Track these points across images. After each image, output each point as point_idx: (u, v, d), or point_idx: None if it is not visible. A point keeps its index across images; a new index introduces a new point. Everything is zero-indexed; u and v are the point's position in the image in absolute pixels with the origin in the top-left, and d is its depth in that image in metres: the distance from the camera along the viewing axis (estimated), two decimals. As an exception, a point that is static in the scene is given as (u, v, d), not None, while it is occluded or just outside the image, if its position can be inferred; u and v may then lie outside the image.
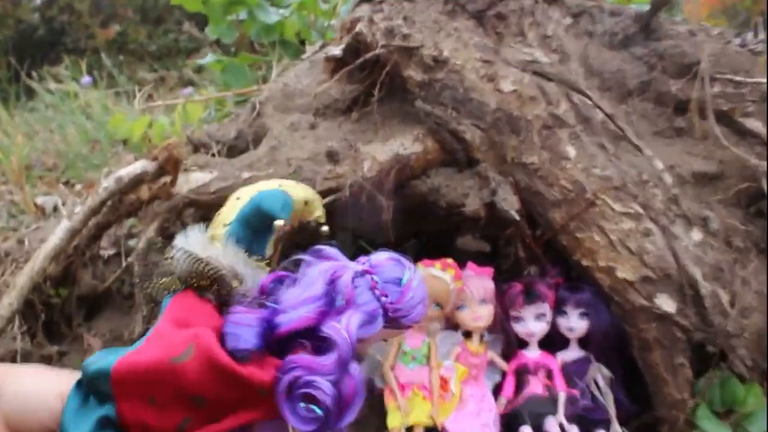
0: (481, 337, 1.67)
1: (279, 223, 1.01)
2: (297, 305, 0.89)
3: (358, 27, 1.65)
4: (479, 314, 1.63)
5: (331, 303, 0.90)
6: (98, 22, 7.11)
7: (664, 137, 1.76)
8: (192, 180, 1.62)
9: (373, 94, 1.64)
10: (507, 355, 1.69)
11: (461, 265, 1.63)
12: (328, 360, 0.85)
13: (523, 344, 1.70)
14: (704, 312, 1.53)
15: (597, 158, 1.61)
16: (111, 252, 2.02)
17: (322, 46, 2.06)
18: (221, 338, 0.86)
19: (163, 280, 0.95)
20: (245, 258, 0.99)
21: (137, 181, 1.63)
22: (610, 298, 1.58)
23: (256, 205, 1.03)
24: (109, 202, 1.66)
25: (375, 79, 1.65)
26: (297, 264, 0.95)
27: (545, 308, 1.67)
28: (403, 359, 1.60)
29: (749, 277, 1.56)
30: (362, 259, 0.97)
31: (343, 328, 0.87)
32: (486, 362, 1.66)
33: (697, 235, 1.60)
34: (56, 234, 1.62)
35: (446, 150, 1.65)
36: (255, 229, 1.02)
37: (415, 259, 1.53)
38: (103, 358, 0.85)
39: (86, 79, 3.63)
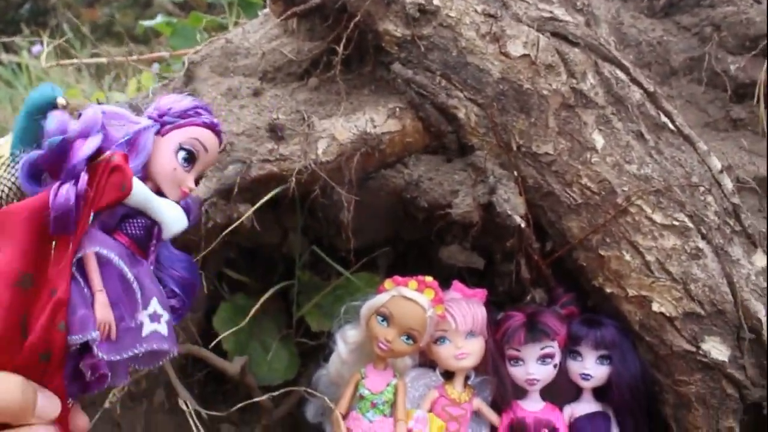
0: (466, 379, 1.49)
1: (61, 101, 0.96)
2: None
3: (317, -47, 1.38)
4: (465, 350, 1.44)
5: None
6: (84, 3, 7.28)
7: (717, 130, 1.64)
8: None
9: (337, 53, 1.45)
10: (499, 406, 1.52)
11: (444, 284, 1.45)
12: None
13: (520, 393, 1.51)
14: (766, 362, 1.41)
15: (632, 151, 1.43)
16: None
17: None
18: None
19: None
20: None
21: None
22: (640, 338, 1.45)
23: (26, 109, 0.96)
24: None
25: (341, 34, 1.44)
26: None
27: (553, 348, 1.46)
28: (361, 406, 1.41)
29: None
30: None
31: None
32: (470, 414, 1.48)
33: (761, 259, 1.46)
34: None
35: (431, 131, 1.46)
36: (34, 135, 0.96)
37: (388, 272, 1.53)
38: None
39: (36, 48, 3.33)
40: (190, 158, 1.00)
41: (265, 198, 1.34)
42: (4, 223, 0.87)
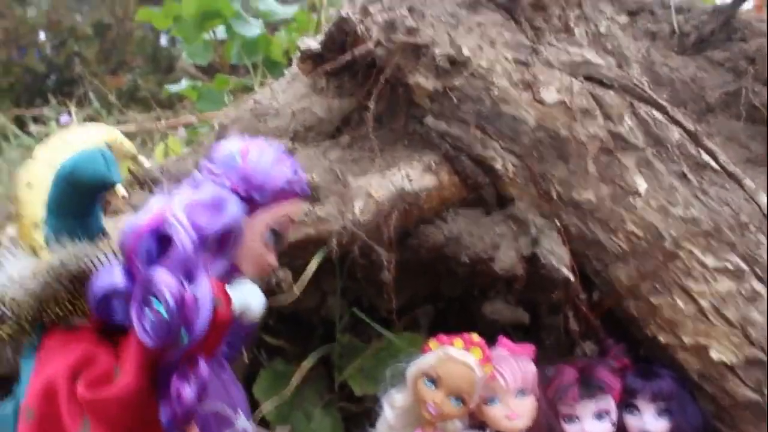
0: (519, 440, 1.45)
1: (122, 192, 0.99)
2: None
3: (344, 12, 1.42)
4: (516, 410, 1.38)
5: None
6: (107, 70, 7.50)
7: (760, 165, 1.58)
8: (122, 226, 1.31)
9: (368, 109, 1.44)
10: (555, 467, 1.47)
11: (491, 341, 1.40)
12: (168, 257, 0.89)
13: (577, 452, 1.47)
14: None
15: (676, 193, 1.42)
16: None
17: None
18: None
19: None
20: (86, 248, 0.96)
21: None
22: (699, 388, 1.43)
23: (69, 181, 0.92)
24: None
25: (371, 90, 1.44)
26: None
27: (609, 403, 1.42)
28: (411, 474, 1.37)
29: None
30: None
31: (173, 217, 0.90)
32: (525, 478, 1.44)
33: (821, 298, 1.39)
34: None
35: (468, 184, 1.47)
36: (77, 208, 0.95)
37: (430, 331, 1.51)
38: None
39: (64, 117, 3.36)
40: (277, 236, 0.98)
41: (311, 269, 1.33)
42: (97, 409, 0.86)
